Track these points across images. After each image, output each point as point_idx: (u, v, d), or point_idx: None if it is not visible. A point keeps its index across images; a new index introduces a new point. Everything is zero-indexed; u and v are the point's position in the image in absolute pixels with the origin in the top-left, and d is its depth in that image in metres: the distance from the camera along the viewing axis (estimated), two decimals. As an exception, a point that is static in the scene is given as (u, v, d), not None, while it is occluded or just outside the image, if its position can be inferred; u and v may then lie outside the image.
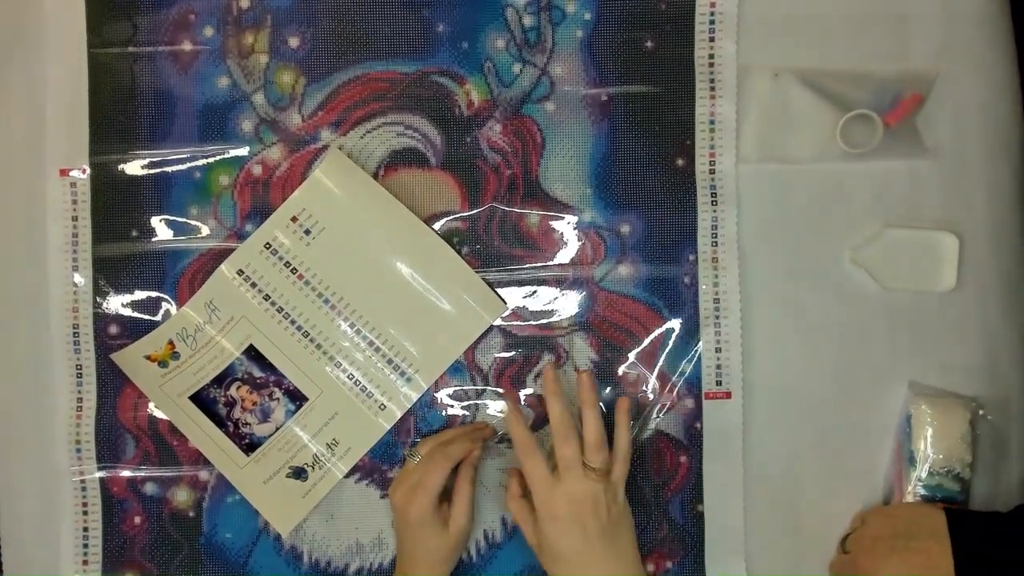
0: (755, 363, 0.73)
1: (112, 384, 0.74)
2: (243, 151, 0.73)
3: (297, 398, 0.73)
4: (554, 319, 0.73)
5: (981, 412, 0.71)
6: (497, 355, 0.73)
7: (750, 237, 0.73)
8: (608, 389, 0.73)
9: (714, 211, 0.72)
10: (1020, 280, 0.74)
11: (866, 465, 0.73)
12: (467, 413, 0.73)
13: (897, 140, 0.72)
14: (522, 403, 0.73)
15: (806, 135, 0.73)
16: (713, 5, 0.72)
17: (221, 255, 0.73)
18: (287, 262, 0.72)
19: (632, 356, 0.73)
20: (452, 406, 0.73)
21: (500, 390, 0.73)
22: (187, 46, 0.73)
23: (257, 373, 0.73)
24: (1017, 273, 0.74)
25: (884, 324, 0.73)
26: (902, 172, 0.73)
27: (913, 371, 0.73)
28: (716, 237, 0.72)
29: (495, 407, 0.73)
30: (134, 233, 0.73)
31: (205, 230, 0.73)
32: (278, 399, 0.73)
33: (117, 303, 0.74)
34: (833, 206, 0.73)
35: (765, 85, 0.73)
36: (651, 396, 0.73)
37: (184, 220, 0.73)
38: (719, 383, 0.72)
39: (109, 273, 0.73)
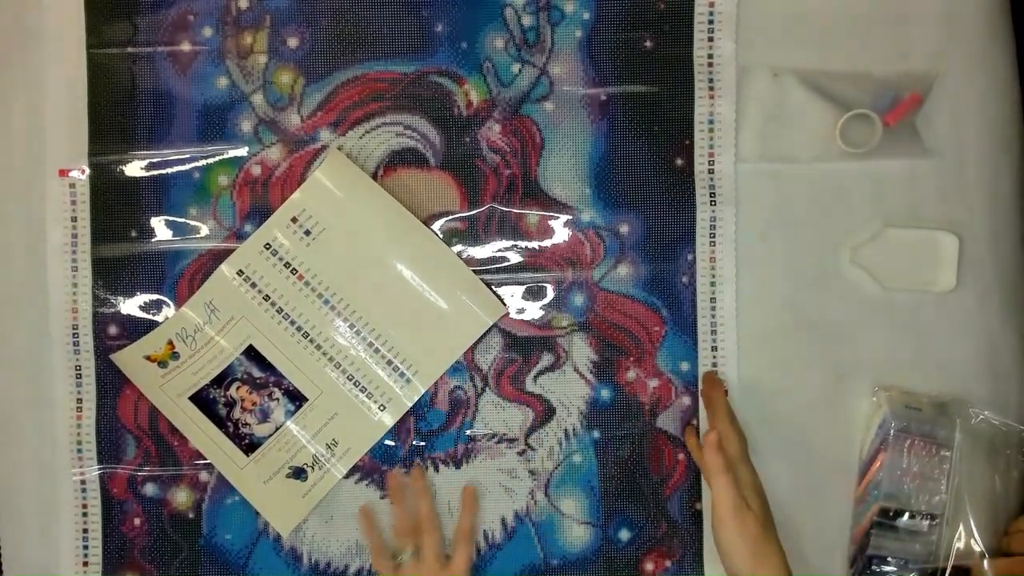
0: (753, 362, 0.73)
1: (112, 384, 0.74)
2: (242, 151, 0.73)
3: (297, 398, 0.73)
4: (553, 319, 0.73)
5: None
6: (497, 355, 0.73)
7: (749, 237, 0.73)
8: (607, 389, 0.73)
9: (712, 211, 0.72)
10: (1020, 280, 0.74)
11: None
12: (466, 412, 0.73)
13: (896, 140, 0.72)
14: (520, 403, 0.73)
15: (805, 135, 0.73)
16: (712, 5, 0.72)
17: (220, 255, 0.73)
18: (287, 263, 0.72)
19: (631, 355, 0.73)
20: (451, 406, 0.73)
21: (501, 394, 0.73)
22: (186, 46, 0.73)
23: (257, 373, 0.73)
24: (1017, 273, 0.73)
25: (884, 324, 0.73)
26: (902, 172, 0.73)
27: (912, 371, 0.73)
28: (714, 237, 0.72)
29: (495, 407, 0.73)
30: (133, 233, 0.73)
31: (204, 230, 0.73)
32: (278, 399, 0.73)
33: (116, 304, 0.74)
34: (833, 206, 0.73)
35: (765, 85, 0.73)
36: (649, 394, 0.73)
37: (183, 220, 0.73)
38: (717, 382, 0.72)
39: (108, 274, 0.73)
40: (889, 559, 0.71)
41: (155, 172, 0.73)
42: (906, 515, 0.70)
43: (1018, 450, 0.72)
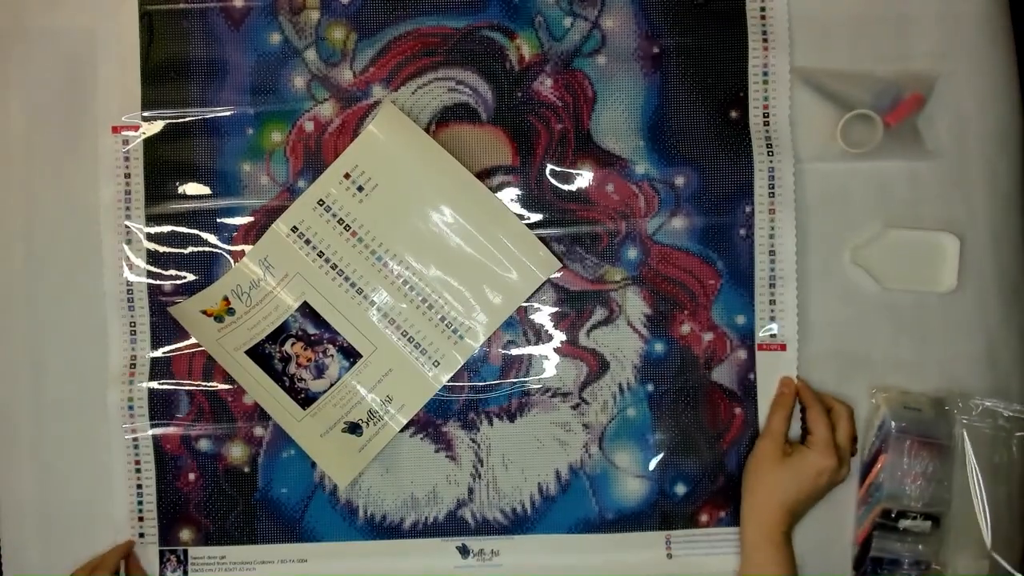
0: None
1: (165, 342, 0.74)
2: (295, 107, 0.73)
3: (351, 355, 0.73)
4: (607, 273, 0.73)
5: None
6: (550, 310, 0.73)
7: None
8: (661, 343, 0.73)
9: (771, 162, 0.72)
10: (1020, 280, 0.74)
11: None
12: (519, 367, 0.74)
13: (897, 140, 0.72)
14: (573, 357, 0.73)
15: (806, 135, 0.73)
16: (766, -43, 0.72)
17: (274, 212, 0.73)
18: (340, 219, 0.72)
19: (685, 309, 0.73)
20: (505, 361, 0.74)
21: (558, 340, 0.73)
22: (238, 2, 0.73)
23: (311, 330, 0.73)
24: (1017, 273, 0.74)
25: (884, 324, 0.73)
26: (902, 172, 0.73)
27: (913, 371, 0.73)
28: (773, 188, 0.72)
29: (548, 362, 0.73)
30: (186, 190, 0.74)
31: (258, 187, 0.73)
32: (332, 356, 0.73)
33: (170, 261, 0.74)
34: (833, 206, 0.73)
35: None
36: (704, 348, 0.73)
37: (237, 177, 0.74)
38: (773, 336, 0.72)
39: (161, 230, 0.74)
40: (893, 560, 0.71)
41: (208, 128, 0.73)
42: (908, 516, 0.70)
43: (1019, 446, 0.72)
